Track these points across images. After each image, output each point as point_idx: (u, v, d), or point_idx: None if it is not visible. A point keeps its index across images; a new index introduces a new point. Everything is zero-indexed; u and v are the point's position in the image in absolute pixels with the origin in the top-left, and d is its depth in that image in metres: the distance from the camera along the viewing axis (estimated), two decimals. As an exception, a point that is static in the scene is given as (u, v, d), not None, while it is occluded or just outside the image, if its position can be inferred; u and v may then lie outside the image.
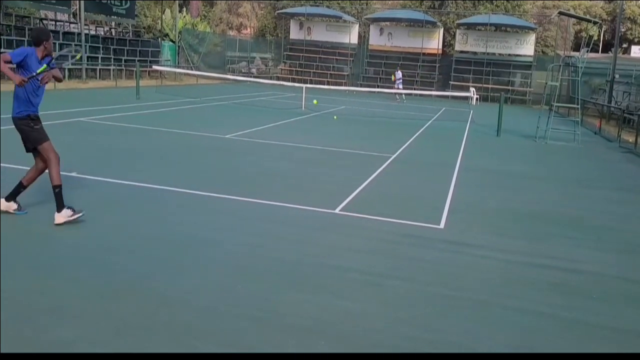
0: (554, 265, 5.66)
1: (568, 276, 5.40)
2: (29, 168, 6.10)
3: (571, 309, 4.64)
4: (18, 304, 3.98)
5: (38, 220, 5.84)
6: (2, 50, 22.64)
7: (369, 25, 39.92)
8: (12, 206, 5.92)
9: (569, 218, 7.67)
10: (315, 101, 19.28)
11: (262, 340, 3.74)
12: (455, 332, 4.08)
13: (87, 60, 26.70)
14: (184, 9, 40.80)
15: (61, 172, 5.85)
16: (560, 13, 22.89)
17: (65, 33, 27.77)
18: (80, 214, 5.78)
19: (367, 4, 44.33)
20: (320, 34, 40.31)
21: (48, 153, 5.77)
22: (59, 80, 5.99)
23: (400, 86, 30.28)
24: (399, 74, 30.84)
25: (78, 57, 6.32)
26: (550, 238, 6.64)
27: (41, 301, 4.05)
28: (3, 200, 5.89)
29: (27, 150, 5.93)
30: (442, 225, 6.74)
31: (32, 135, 5.80)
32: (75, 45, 5.70)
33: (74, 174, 7.78)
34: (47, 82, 5.81)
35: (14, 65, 5.56)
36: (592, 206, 8.54)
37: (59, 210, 5.70)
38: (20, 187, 5.92)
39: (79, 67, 26.10)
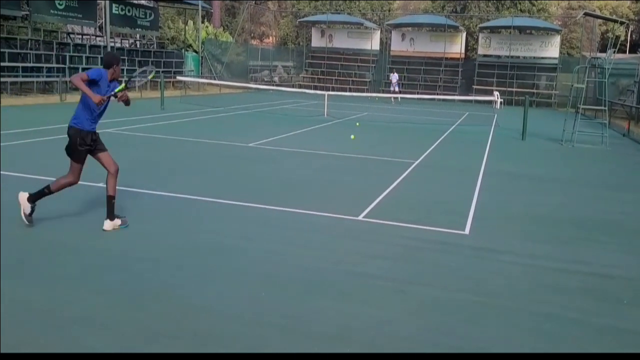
0: (584, 270, 5.55)
1: (598, 281, 5.30)
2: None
3: (602, 314, 4.55)
4: (48, 313, 4.06)
5: (66, 229, 5.95)
6: (31, 64, 23.21)
7: (391, 31, 39.88)
8: (116, 223, 6.03)
9: (598, 222, 7.52)
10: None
11: (287, 347, 3.74)
12: (483, 338, 4.03)
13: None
14: (206, 19, 41.32)
15: (88, 183, 5.96)
16: (586, 14, 22.61)
17: (91, 46, 28.36)
18: (124, 221, 6.05)
19: (389, 10, 44.33)
20: (342, 41, 40.39)
21: (109, 164, 5.99)
22: (127, 103, 6.16)
23: (397, 88, 30.27)
24: (395, 77, 30.87)
25: (152, 76, 6.57)
26: (579, 242, 6.52)
27: (71, 310, 4.12)
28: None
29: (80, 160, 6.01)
30: (467, 231, 6.67)
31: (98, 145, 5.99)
32: (150, 65, 5.94)
33: (101, 185, 7.90)
34: (124, 100, 6.05)
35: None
36: (622, 209, 8.36)
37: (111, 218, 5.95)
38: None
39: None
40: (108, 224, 5.93)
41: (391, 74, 31.93)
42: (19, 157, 9.72)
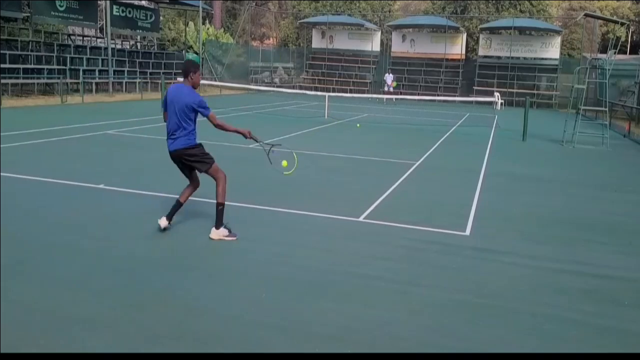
0: (585, 272, 5.55)
1: (599, 282, 5.30)
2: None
3: (603, 315, 4.55)
4: (49, 313, 4.06)
5: (66, 231, 5.96)
6: (32, 65, 23.24)
7: (391, 32, 39.92)
8: (224, 232, 6.02)
9: (599, 223, 7.52)
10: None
11: (288, 349, 3.75)
12: (484, 339, 4.03)
13: (114, 74, 27.23)
14: (207, 21, 41.35)
15: (89, 184, 5.97)
16: (587, 15, 22.61)
17: (92, 48, 28.39)
18: (235, 238, 5.97)
19: (389, 11, 44.37)
20: (342, 42, 40.42)
21: (217, 173, 6.19)
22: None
23: (391, 89, 30.39)
24: (390, 77, 30.98)
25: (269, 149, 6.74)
26: (580, 244, 6.52)
27: (72, 311, 4.13)
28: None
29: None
30: (468, 232, 6.67)
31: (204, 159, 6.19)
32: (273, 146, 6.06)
33: (101, 186, 7.92)
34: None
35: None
36: (622, 211, 8.36)
37: (217, 227, 5.97)
38: (178, 206, 6.14)
39: (106, 80, 26.63)
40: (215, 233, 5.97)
41: (386, 75, 32.07)
42: (20, 159, 9.72)
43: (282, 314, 4.26)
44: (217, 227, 5.96)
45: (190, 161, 6.10)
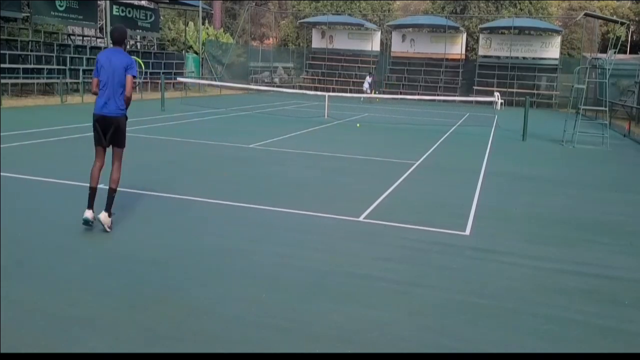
0: (586, 272, 5.55)
1: (600, 283, 5.29)
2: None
3: (604, 316, 4.54)
4: (50, 314, 4.06)
5: (66, 231, 5.95)
6: (32, 65, 23.23)
7: (391, 32, 39.90)
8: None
9: (599, 223, 7.52)
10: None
11: (288, 349, 3.74)
12: (485, 340, 4.02)
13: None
14: (207, 21, 41.34)
15: (89, 184, 5.98)
16: (587, 14, 22.60)
17: (92, 48, 28.37)
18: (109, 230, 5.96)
19: (389, 11, 44.36)
20: (342, 42, 40.40)
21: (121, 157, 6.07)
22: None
23: (369, 90, 30.54)
24: (369, 79, 31.19)
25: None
26: (580, 244, 6.51)
27: (72, 312, 4.12)
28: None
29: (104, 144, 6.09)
30: (468, 232, 6.67)
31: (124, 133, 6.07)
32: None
33: (101, 186, 7.90)
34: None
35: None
36: (622, 210, 8.36)
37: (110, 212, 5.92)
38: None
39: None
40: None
41: (367, 76, 32.25)
42: (20, 159, 9.72)
43: (283, 314, 4.26)
44: (109, 214, 5.90)
45: (118, 132, 6.01)
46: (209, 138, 13.45)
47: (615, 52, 17.88)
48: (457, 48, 37.35)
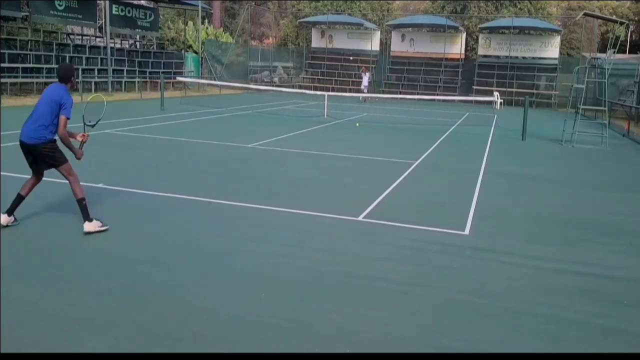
0: (585, 272, 5.55)
1: (599, 282, 5.30)
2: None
3: (603, 316, 4.55)
4: (50, 314, 4.06)
5: (64, 232, 5.95)
6: (31, 65, 23.21)
7: (391, 32, 39.89)
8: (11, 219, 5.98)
9: (599, 223, 7.52)
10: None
11: (288, 349, 3.74)
12: (485, 340, 4.03)
13: (113, 73, 27.20)
14: (206, 20, 41.31)
15: (88, 184, 5.97)
16: (586, 14, 22.56)
17: (91, 47, 28.36)
18: (107, 227, 5.96)
19: (388, 11, 44.35)
20: (342, 42, 40.40)
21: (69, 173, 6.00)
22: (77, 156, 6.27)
23: (366, 90, 30.57)
24: (365, 77, 31.18)
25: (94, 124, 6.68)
26: (580, 244, 6.52)
27: (72, 312, 4.12)
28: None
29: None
30: (467, 232, 6.67)
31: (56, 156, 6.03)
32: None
33: (100, 185, 7.92)
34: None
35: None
36: (622, 210, 8.36)
37: (89, 220, 5.88)
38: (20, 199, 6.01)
39: (105, 80, 26.59)
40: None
41: (364, 75, 32.24)
42: (19, 158, 9.69)
43: (283, 314, 4.26)
44: (90, 220, 5.88)
45: (43, 158, 6.03)
46: (209, 138, 13.44)
47: (614, 52, 17.86)
48: (456, 48, 37.35)
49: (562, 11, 43.67)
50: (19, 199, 6.01)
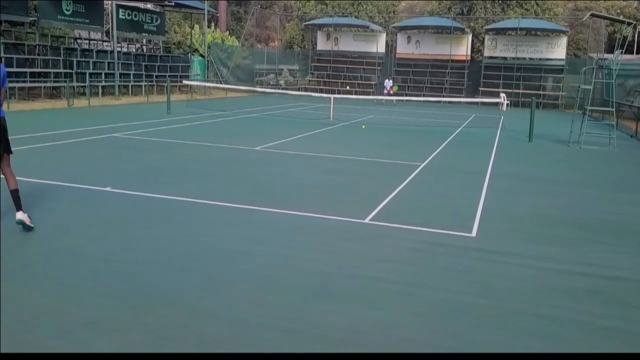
0: (592, 273, 5.52)
1: (606, 283, 5.27)
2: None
3: (610, 317, 4.52)
4: (56, 317, 4.08)
5: (72, 234, 5.98)
6: (39, 69, 23.37)
7: (396, 34, 39.88)
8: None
9: (606, 224, 7.48)
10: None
11: (294, 351, 3.74)
12: (490, 342, 4.01)
13: (120, 77, 27.34)
14: (212, 24, 41.44)
15: (95, 187, 6.00)
16: (593, 15, 22.41)
17: (98, 51, 28.53)
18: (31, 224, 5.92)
19: (394, 13, 44.36)
20: (347, 44, 40.43)
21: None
22: None
23: (391, 92, 30.60)
24: (389, 83, 31.20)
25: None
26: (587, 245, 6.48)
27: (78, 314, 4.14)
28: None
29: None
30: (474, 234, 6.65)
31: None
32: None
33: (108, 189, 7.95)
34: None
35: None
36: (630, 211, 8.31)
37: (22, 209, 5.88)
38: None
39: (112, 83, 26.74)
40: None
41: (386, 80, 32.31)
42: (27, 162, 9.77)
43: (288, 316, 4.26)
44: (23, 209, 5.86)
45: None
46: (215, 140, 13.48)
47: (621, 53, 17.77)
48: (462, 49, 37.28)
49: (569, 12, 43.50)
50: (13, 194, 5.96)
